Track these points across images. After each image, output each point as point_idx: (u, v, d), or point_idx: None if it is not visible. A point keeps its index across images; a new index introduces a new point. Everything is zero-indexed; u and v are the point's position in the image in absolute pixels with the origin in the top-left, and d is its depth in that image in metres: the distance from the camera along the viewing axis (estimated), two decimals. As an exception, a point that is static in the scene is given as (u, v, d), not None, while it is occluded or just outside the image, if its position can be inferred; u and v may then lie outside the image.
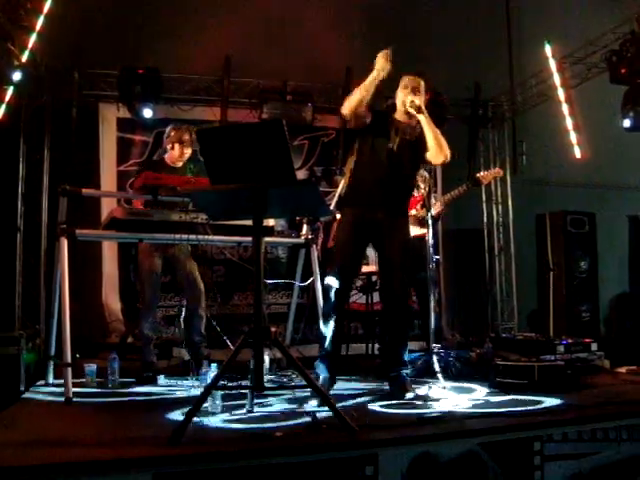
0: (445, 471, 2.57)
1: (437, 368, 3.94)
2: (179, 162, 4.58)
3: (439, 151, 3.59)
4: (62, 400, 3.44)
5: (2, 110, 5.15)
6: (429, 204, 4.42)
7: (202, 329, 4.56)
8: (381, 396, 3.57)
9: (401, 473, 2.49)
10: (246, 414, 3.07)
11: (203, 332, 4.57)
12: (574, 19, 6.59)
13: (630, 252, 7.67)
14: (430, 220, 4.33)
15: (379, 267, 3.84)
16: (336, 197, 4.59)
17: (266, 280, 4.20)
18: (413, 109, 3.55)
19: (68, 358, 3.52)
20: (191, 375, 4.07)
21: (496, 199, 7.35)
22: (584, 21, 6.46)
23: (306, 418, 2.89)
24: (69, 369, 3.49)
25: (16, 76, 4.94)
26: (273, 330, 2.77)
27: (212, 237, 3.97)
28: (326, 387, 3.47)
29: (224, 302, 6.02)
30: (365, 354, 5.41)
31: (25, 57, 5.05)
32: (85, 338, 5.26)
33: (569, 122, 6.41)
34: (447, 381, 3.77)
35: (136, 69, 5.76)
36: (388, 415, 3.11)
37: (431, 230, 4.33)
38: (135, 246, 4.63)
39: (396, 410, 3.20)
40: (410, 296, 3.92)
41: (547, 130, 6.71)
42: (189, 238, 3.84)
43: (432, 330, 4.12)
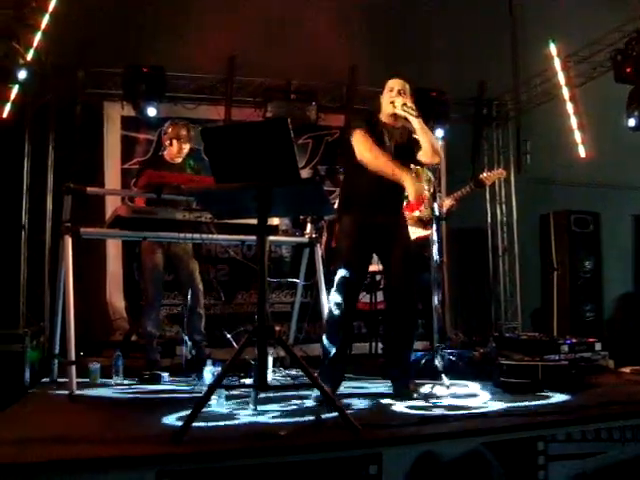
0: (449, 470, 2.56)
1: (440, 367, 3.93)
2: (178, 158, 4.58)
3: (433, 152, 3.59)
4: (66, 397, 3.46)
5: (7, 108, 5.17)
6: (433, 205, 4.40)
7: (202, 328, 4.57)
8: (385, 395, 3.57)
9: (405, 472, 2.48)
10: (250, 413, 3.06)
11: (203, 331, 4.58)
12: (579, 17, 6.53)
13: (634, 252, 7.65)
14: (435, 220, 4.30)
15: (384, 270, 3.81)
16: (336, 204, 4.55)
17: (270, 279, 4.19)
18: (409, 111, 3.51)
19: (72, 356, 3.54)
20: (193, 375, 4.07)
21: (500, 198, 7.33)
22: (589, 20, 6.41)
23: (310, 417, 2.89)
24: (73, 367, 3.52)
25: (21, 74, 4.95)
26: (277, 329, 2.76)
27: (216, 236, 3.97)
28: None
29: (228, 301, 6.01)
30: (369, 353, 5.41)
31: (30, 56, 5.06)
32: (89, 336, 5.26)
33: (574, 121, 6.37)
34: (450, 380, 3.76)
35: (141, 68, 5.76)
36: (392, 414, 3.11)
37: (435, 231, 4.31)
38: (138, 244, 4.64)
39: (400, 409, 3.20)
40: (417, 297, 3.90)
41: (551, 129, 6.68)
42: (193, 237, 3.85)
43: (435, 329, 4.11)
